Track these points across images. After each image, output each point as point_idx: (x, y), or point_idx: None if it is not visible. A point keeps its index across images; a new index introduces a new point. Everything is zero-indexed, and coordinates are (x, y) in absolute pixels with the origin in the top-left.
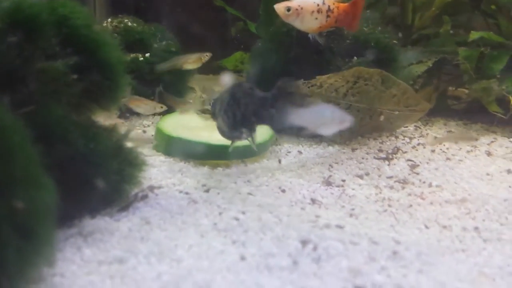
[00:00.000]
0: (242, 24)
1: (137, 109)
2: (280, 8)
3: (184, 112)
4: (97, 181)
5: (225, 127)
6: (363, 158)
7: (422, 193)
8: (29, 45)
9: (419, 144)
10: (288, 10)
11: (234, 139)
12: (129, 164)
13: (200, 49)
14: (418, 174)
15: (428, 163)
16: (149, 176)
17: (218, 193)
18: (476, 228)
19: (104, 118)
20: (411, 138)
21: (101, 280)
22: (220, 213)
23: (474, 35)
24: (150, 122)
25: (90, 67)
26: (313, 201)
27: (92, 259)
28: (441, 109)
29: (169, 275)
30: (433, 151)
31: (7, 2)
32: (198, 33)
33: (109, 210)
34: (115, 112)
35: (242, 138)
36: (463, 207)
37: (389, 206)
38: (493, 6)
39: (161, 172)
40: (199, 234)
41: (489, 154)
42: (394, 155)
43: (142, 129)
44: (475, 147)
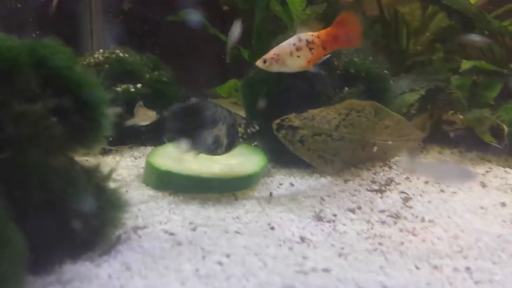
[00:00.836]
0: (235, 51)
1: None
2: (258, 63)
3: None
4: (76, 226)
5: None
6: (355, 190)
7: (414, 229)
8: (6, 88)
9: (409, 176)
10: (265, 62)
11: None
12: (111, 205)
13: (195, 77)
14: (411, 207)
15: (421, 195)
16: (136, 214)
17: (205, 232)
18: (467, 269)
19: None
20: (398, 167)
21: None
22: (204, 257)
23: (466, 65)
24: (141, 154)
25: (71, 108)
26: (302, 239)
27: None
28: (437, 137)
29: None
30: (426, 182)
31: None
32: (193, 61)
33: (90, 254)
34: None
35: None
36: (455, 244)
37: (380, 244)
38: (486, 32)
39: (149, 208)
40: (179, 282)
41: (483, 185)
42: (387, 186)
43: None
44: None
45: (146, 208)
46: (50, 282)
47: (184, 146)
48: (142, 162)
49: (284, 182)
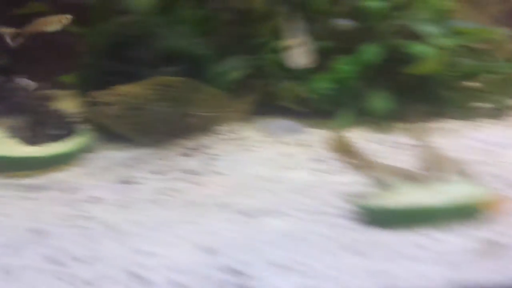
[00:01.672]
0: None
1: None
2: None
3: None
4: None
5: None
6: (167, 156)
7: (206, 181)
8: None
9: (225, 140)
10: None
11: None
12: None
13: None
14: (212, 166)
15: (225, 155)
16: None
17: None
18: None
19: None
20: (221, 136)
21: None
22: None
23: (274, 43)
24: None
25: None
26: (93, 198)
27: None
28: (269, 108)
29: None
30: (232, 144)
31: None
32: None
33: None
34: None
35: None
36: (231, 189)
37: (168, 195)
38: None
39: None
40: None
41: (286, 143)
42: (197, 150)
43: None
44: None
45: None
46: None
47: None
48: None
49: (105, 155)
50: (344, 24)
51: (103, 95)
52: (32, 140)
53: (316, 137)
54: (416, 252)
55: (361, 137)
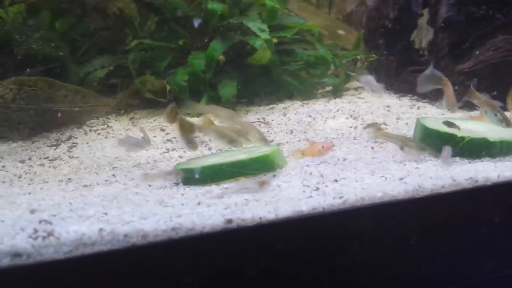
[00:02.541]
0: None
1: None
2: None
3: None
4: None
5: None
6: (37, 148)
7: (63, 164)
8: None
9: (93, 131)
10: None
11: None
12: None
13: None
14: (71, 152)
15: (88, 143)
16: None
17: None
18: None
19: None
20: (91, 128)
21: None
22: None
23: (133, 43)
24: None
25: None
26: None
27: None
28: (140, 101)
29: None
30: (98, 133)
31: None
32: None
33: None
34: None
35: None
36: (79, 168)
37: (29, 179)
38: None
39: None
40: None
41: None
42: (63, 141)
43: None
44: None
45: None
46: None
47: None
48: None
49: None
50: (195, 23)
51: None
52: None
53: None
54: (200, 200)
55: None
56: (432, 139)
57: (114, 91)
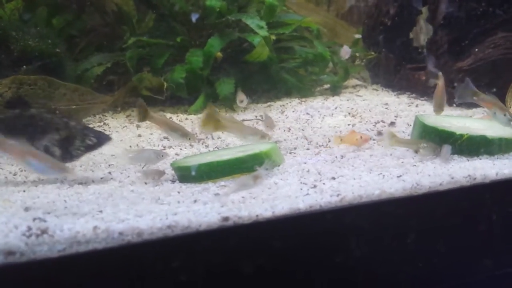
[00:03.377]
0: None
1: None
2: None
3: None
4: None
5: None
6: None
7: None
8: None
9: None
10: None
11: None
12: None
13: None
14: None
15: None
16: None
17: None
18: None
19: None
20: (90, 125)
21: None
22: None
23: (130, 40)
24: None
25: None
26: None
27: None
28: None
29: None
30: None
31: None
32: None
33: None
34: None
35: None
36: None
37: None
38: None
39: None
40: None
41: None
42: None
43: None
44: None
45: None
46: None
47: None
48: None
49: None
50: (193, 18)
51: None
52: None
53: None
54: (197, 197)
55: None
56: (431, 137)
57: (111, 88)
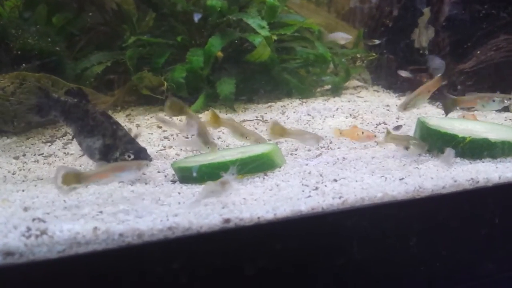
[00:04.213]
0: None
1: None
2: None
3: None
4: None
5: None
6: (32, 144)
7: (58, 161)
8: None
9: None
10: None
11: None
12: None
13: None
14: (66, 148)
15: None
16: None
17: None
18: None
19: None
20: None
21: None
22: None
23: (130, 39)
24: None
25: None
26: None
27: None
28: (136, 97)
29: None
30: None
31: None
32: None
33: None
34: None
35: None
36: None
37: (23, 175)
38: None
39: None
40: None
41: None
42: (59, 137)
43: None
44: None
45: None
46: None
47: None
48: None
49: None
50: (195, 18)
51: None
52: None
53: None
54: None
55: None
56: (433, 139)
57: (111, 87)
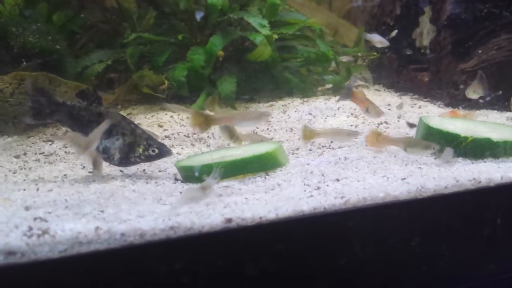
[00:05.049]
0: None
1: None
2: None
3: None
4: None
5: None
6: (33, 143)
7: (59, 160)
8: None
9: None
10: None
11: None
12: None
13: None
14: (67, 147)
15: None
16: None
17: None
18: None
19: None
20: None
21: None
22: None
23: (131, 37)
24: None
25: None
26: None
27: None
28: (137, 96)
29: None
30: None
31: None
32: None
33: None
34: None
35: None
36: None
37: (25, 174)
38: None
39: None
40: None
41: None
42: (59, 136)
43: None
44: None
45: None
46: None
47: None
48: None
49: None
50: (197, 16)
51: None
52: None
53: (169, 118)
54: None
55: None
56: (435, 139)
57: (111, 86)
